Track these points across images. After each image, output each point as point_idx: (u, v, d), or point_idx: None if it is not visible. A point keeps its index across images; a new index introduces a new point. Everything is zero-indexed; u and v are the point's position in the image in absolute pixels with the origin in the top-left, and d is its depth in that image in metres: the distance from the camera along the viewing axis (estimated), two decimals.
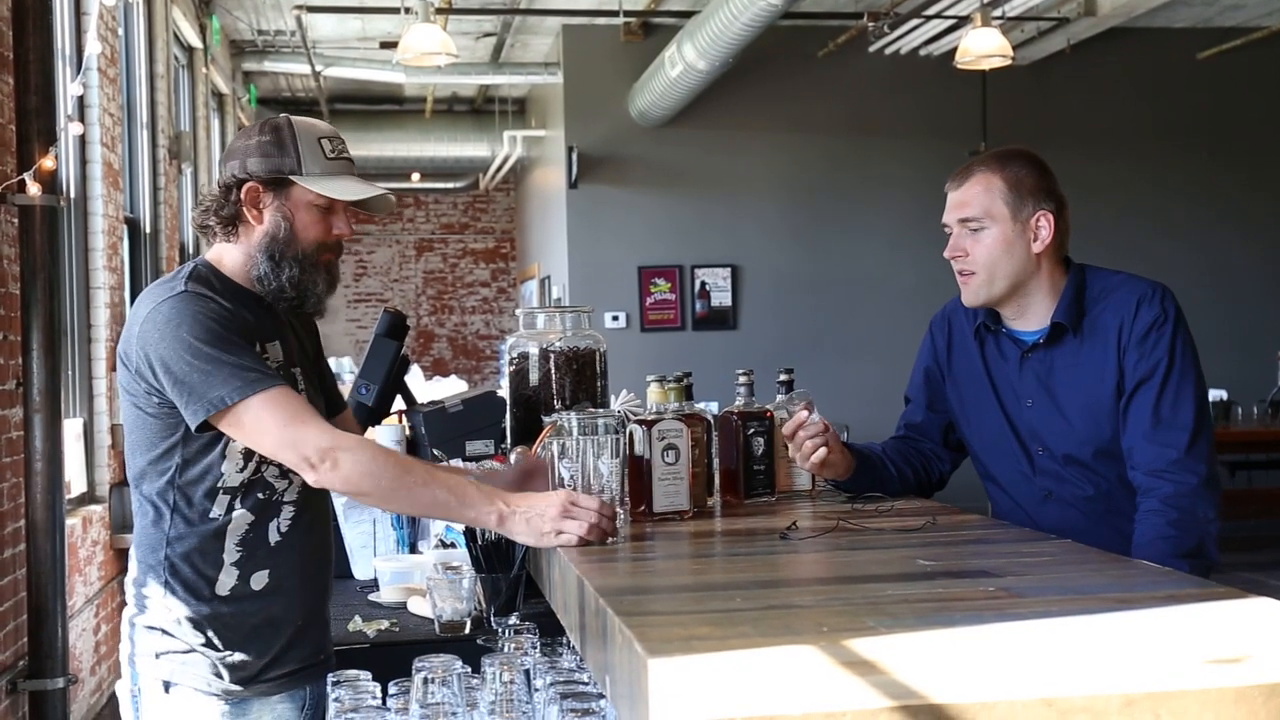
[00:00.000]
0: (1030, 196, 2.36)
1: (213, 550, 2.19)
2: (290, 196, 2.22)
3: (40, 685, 4.51)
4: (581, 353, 2.65)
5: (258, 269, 2.23)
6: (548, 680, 2.00)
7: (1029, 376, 2.43)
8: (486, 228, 15.40)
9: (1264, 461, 9.03)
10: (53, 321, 4.56)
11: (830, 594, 1.62)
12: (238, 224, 2.23)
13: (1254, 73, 10.26)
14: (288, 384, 2.13)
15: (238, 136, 2.29)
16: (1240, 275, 10.40)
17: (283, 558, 2.24)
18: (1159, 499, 2.25)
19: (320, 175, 2.22)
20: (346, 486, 2.09)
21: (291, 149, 2.21)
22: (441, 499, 2.07)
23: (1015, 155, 2.41)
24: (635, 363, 7.14)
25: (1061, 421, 2.39)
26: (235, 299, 2.22)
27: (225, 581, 2.20)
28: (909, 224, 9.95)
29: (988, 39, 7.30)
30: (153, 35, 7.47)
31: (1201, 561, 2.19)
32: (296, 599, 2.27)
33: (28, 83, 4.49)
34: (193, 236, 8.98)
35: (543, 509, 1.98)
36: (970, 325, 2.52)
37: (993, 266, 2.38)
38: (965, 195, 2.40)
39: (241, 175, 2.21)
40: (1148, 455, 2.29)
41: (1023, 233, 2.36)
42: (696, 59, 8.23)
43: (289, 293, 2.24)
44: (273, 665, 2.23)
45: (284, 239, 2.22)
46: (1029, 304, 2.42)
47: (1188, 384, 2.31)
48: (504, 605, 2.47)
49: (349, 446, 2.07)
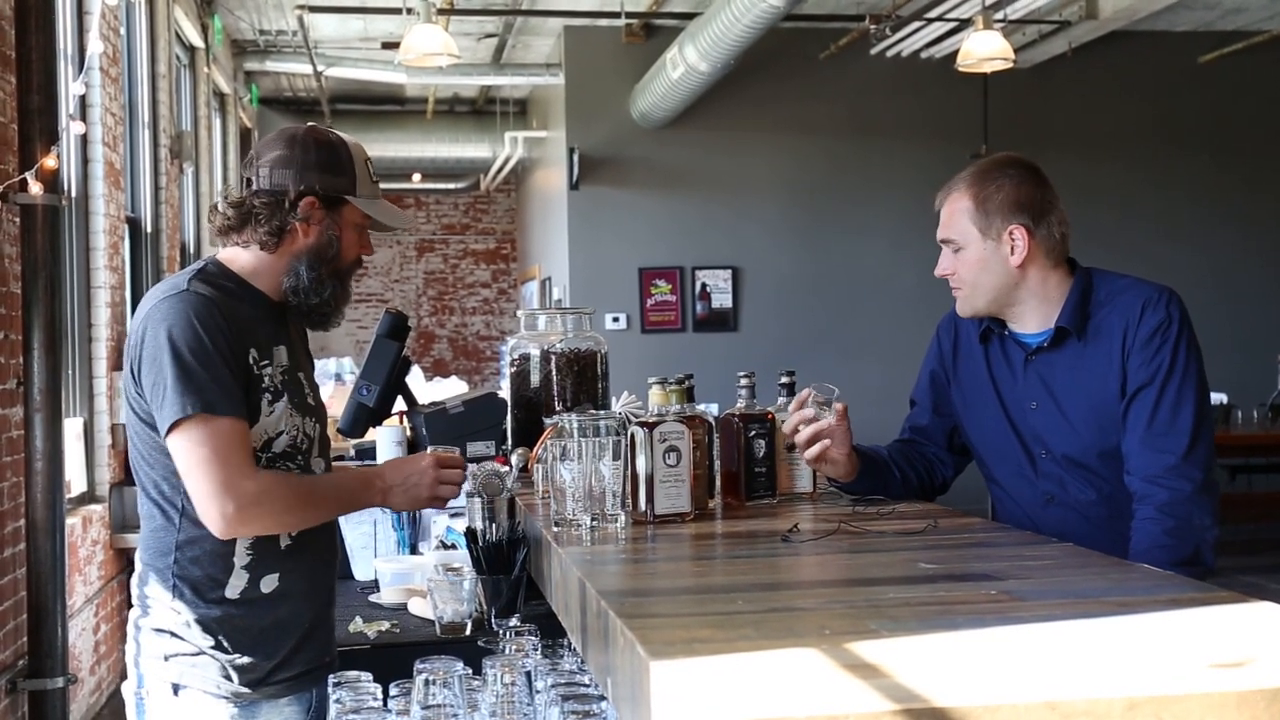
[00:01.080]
0: (998, 214, 2.36)
1: (223, 553, 2.19)
2: (341, 215, 2.26)
3: (40, 685, 4.51)
4: (582, 354, 2.65)
5: (294, 280, 2.24)
6: (549, 682, 2.00)
7: (1033, 379, 2.43)
8: (487, 229, 15.40)
9: (1264, 465, 9.02)
10: (54, 321, 4.56)
11: (832, 597, 1.62)
12: (284, 234, 2.23)
13: (1255, 76, 10.27)
14: (244, 419, 2.13)
15: (282, 144, 2.25)
16: (1241, 278, 10.40)
17: (293, 561, 2.24)
18: (1154, 506, 2.25)
19: (369, 198, 2.28)
20: (249, 534, 2.19)
21: (349, 169, 2.26)
22: (335, 509, 2.33)
23: (990, 170, 2.40)
24: (636, 364, 7.15)
25: (1065, 424, 2.39)
26: (248, 300, 2.22)
27: (235, 584, 2.19)
28: (910, 226, 9.95)
29: (989, 42, 7.31)
30: (155, 35, 7.47)
31: (1198, 569, 2.18)
32: (305, 602, 2.27)
33: (30, 82, 4.49)
34: (194, 236, 8.99)
35: (417, 478, 2.28)
36: (977, 328, 2.52)
37: (974, 284, 2.41)
38: (943, 216, 2.44)
39: (302, 188, 2.21)
40: (1144, 461, 2.29)
41: (997, 249, 2.37)
42: (698, 60, 8.23)
43: (327, 308, 2.28)
44: (281, 668, 2.23)
45: (331, 255, 2.25)
46: (1023, 310, 2.43)
47: (1189, 390, 2.30)
48: (505, 607, 2.46)
49: (260, 501, 2.12)
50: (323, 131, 2.30)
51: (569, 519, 2.08)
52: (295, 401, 2.25)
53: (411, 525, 3.25)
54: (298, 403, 2.26)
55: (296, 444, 2.25)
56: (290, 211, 2.21)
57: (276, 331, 2.26)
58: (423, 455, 2.33)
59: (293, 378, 2.26)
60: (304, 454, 2.27)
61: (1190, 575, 2.06)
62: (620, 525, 2.07)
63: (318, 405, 2.35)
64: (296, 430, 2.24)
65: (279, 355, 2.24)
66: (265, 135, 2.38)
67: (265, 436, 2.19)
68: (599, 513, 2.07)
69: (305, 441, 2.27)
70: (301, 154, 2.22)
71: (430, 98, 12.74)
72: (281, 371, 2.23)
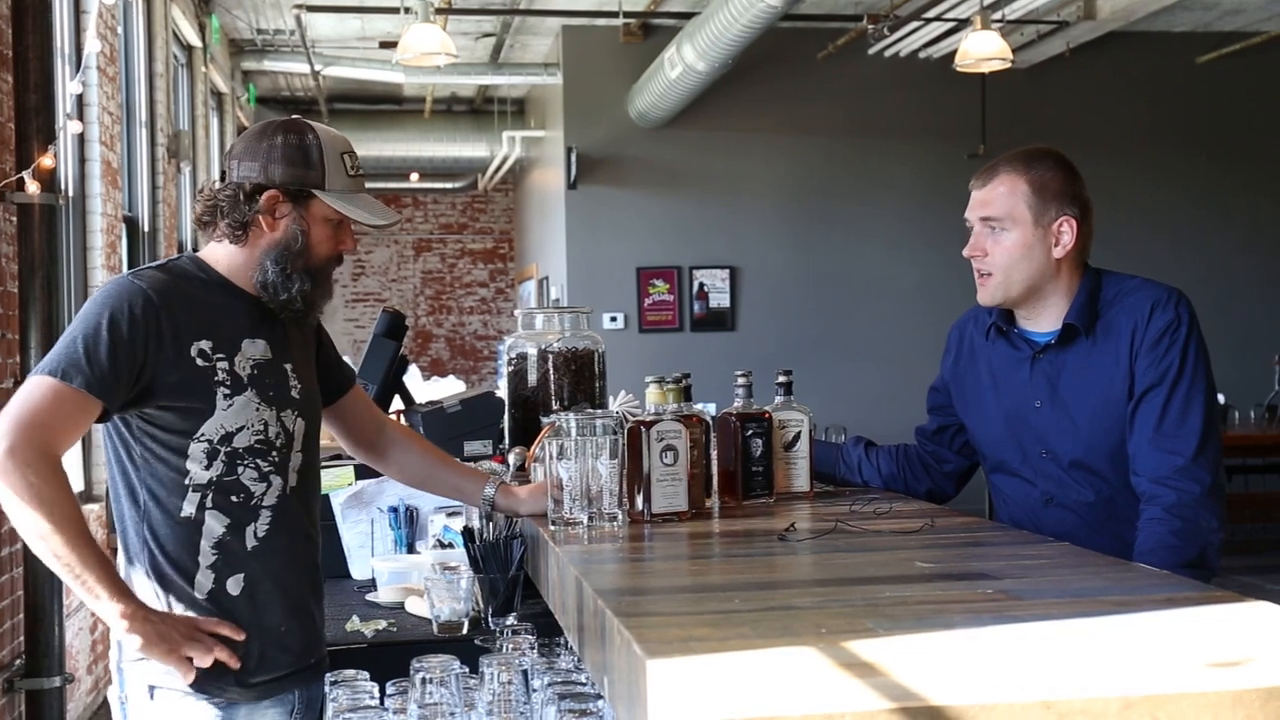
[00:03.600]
0: (1055, 200, 2.34)
1: (189, 548, 2.15)
2: (309, 209, 2.21)
3: (37, 684, 4.51)
4: (580, 353, 2.65)
5: (263, 275, 2.22)
6: (545, 681, 2.00)
7: (1039, 378, 2.41)
8: (485, 228, 15.40)
9: (1261, 466, 9.02)
10: (51, 320, 4.56)
11: (829, 595, 1.62)
12: (248, 228, 2.21)
13: (1253, 77, 10.27)
14: (96, 395, 2.04)
15: (253, 136, 2.23)
16: (1238, 279, 10.40)
17: (258, 563, 2.20)
18: (1162, 507, 2.24)
19: (341, 192, 2.22)
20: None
21: (317, 162, 2.19)
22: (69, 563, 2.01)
23: (1043, 155, 2.38)
24: (633, 363, 7.14)
25: (1069, 424, 2.37)
26: (218, 294, 2.21)
27: (202, 583, 2.16)
28: (908, 226, 9.96)
29: (987, 42, 7.31)
30: (152, 34, 7.47)
31: (1203, 571, 2.18)
32: (275, 605, 2.22)
33: (27, 81, 4.49)
34: (191, 235, 8.98)
35: (176, 621, 2.09)
36: (983, 325, 2.51)
37: (1010, 269, 2.36)
38: (989, 194, 2.37)
39: (262, 181, 2.18)
40: (1153, 462, 2.27)
41: (1044, 237, 2.34)
42: (696, 60, 8.23)
43: (297, 304, 2.24)
44: (256, 670, 2.19)
45: (297, 251, 2.21)
46: (1044, 307, 2.40)
47: (1198, 392, 2.29)
48: (502, 605, 2.47)
49: (21, 469, 1.97)
50: (298, 124, 2.23)
51: (566, 518, 2.08)
52: (269, 395, 2.20)
53: (409, 524, 3.25)
54: (273, 396, 2.21)
55: (268, 439, 2.20)
56: (250, 205, 2.18)
57: (253, 325, 2.22)
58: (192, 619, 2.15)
59: (271, 370, 2.22)
60: (279, 450, 2.22)
61: (1195, 577, 2.06)
62: (617, 524, 2.07)
63: (306, 400, 2.29)
64: (266, 425, 2.19)
65: (252, 347, 2.20)
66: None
67: (222, 430, 2.15)
68: (596, 511, 2.07)
69: (281, 437, 2.22)
70: (268, 147, 2.19)
71: (428, 97, 12.74)
72: (252, 364, 2.19)
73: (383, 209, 2.30)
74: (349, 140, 2.30)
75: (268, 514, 2.21)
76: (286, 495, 2.24)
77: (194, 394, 2.14)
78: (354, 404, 2.52)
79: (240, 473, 2.18)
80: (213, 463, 2.15)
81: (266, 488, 2.21)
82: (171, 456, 2.14)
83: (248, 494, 2.19)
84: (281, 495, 2.23)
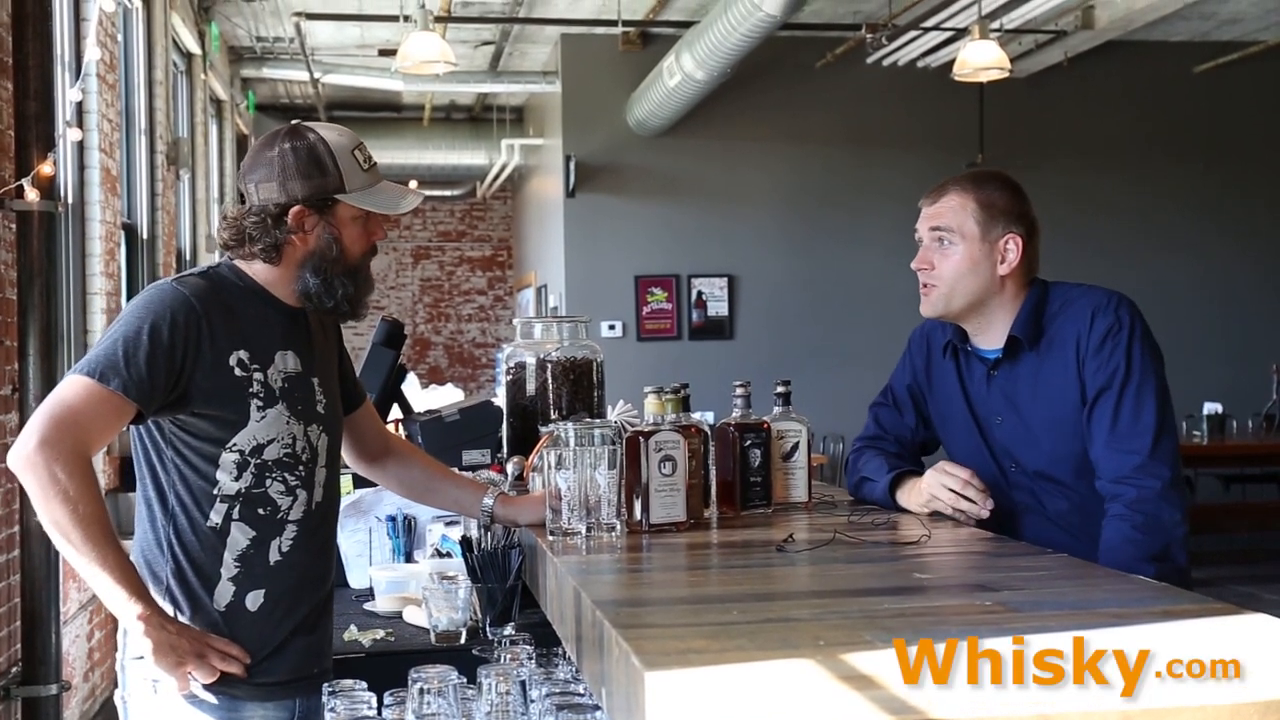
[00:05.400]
0: (1001, 218, 2.40)
1: (211, 558, 2.17)
2: (335, 214, 2.22)
3: (33, 692, 4.50)
4: (578, 362, 2.65)
5: (304, 286, 2.22)
6: (543, 691, 2.00)
7: (996, 394, 2.45)
8: (483, 236, 15.40)
9: (1259, 475, 9.02)
10: (49, 327, 4.56)
11: (827, 607, 1.62)
12: (281, 248, 2.21)
13: (1251, 86, 10.29)
14: (131, 399, 2.05)
15: (260, 153, 2.22)
16: (1236, 288, 10.41)
17: (280, 577, 2.21)
18: (1124, 504, 2.27)
19: (362, 190, 2.22)
20: (17, 471, 2.04)
21: (332, 167, 2.19)
22: (87, 557, 2.03)
23: (989, 177, 2.46)
24: (631, 372, 7.15)
25: (1030, 437, 2.41)
26: (259, 303, 2.22)
27: (222, 594, 2.18)
28: (906, 235, 9.76)
29: (985, 51, 7.32)
30: (152, 42, 7.47)
31: (1168, 565, 2.19)
32: (290, 620, 2.24)
33: (27, 88, 4.49)
34: (190, 242, 8.98)
35: (186, 632, 2.11)
36: (938, 344, 2.54)
37: (955, 282, 2.41)
38: (940, 208, 2.45)
39: (284, 200, 2.18)
40: (1113, 463, 2.31)
41: (990, 253, 2.40)
42: (695, 69, 8.24)
43: (344, 308, 2.25)
44: (263, 672, 2.20)
45: (334, 258, 2.22)
46: (990, 323, 2.44)
47: (1148, 389, 2.31)
48: (500, 615, 2.46)
49: (48, 464, 1.99)
50: (303, 132, 2.22)
51: (564, 528, 2.08)
52: (297, 409, 2.22)
53: (407, 533, 3.25)
54: (300, 410, 2.23)
55: (295, 453, 2.22)
56: (280, 226, 2.19)
57: (287, 336, 2.24)
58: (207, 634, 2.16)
59: (301, 384, 2.23)
60: (305, 465, 2.23)
61: (1161, 571, 2.08)
62: (616, 534, 2.07)
63: (330, 415, 2.30)
64: (294, 439, 2.21)
65: (283, 360, 2.22)
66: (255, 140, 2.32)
67: (254, 442, 2.17)
68: (594, 522, 2.07)
69: (307, 452, 2.24)
70: (281, 164, 2.18)
71: (427, 105, 12.74)
72: (284, 377, 2.21)
73: (405, 192, 2.31)
74: (354, 134, 2.28)
75: (293, 529, 2.22)
76: (312, 511, 2.25)
77: (228, 403, 2.15)
78: (365, 420, 2.54)
79: (268, 485, 2.19)
80: (242, 474, 2.17)
81: (293, 502, 2.22)
82: (203, 464, 2.16)
83: (274, 507, 2.20)
84: (307, 511, 2.24)
